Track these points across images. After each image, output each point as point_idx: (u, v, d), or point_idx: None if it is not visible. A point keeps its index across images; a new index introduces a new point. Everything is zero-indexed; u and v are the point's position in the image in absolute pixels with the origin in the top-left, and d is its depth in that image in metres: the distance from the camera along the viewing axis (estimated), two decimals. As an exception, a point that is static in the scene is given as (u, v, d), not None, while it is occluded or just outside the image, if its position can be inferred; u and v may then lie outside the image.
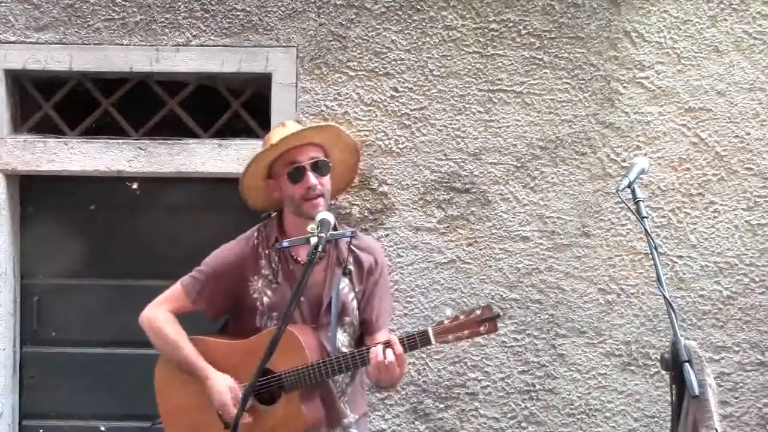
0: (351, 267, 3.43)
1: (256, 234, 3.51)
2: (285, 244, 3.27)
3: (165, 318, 3.49)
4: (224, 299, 3.48)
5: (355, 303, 3.45)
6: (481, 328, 3.17)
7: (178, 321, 3.50)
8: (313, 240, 3.13)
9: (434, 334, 3.17)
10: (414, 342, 3.19)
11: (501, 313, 3.18)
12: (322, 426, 3.41)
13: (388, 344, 3.19)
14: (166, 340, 3.47)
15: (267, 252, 3.44)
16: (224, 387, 3.35)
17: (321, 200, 3.36)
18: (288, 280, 3.41)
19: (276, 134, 3.47)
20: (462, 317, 3.17)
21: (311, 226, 3.20)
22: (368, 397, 3.67)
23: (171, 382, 3.52)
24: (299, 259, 3.42)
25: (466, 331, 3.17)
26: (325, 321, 3.39)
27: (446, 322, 3.19)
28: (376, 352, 3.17)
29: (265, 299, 3.42)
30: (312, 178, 3.34)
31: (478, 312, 3.17)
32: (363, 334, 3.50)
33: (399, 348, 3.18)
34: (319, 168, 3.37)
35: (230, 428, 3.29)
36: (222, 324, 3.66)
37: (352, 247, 3.43)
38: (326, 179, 3.40)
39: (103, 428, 4.59)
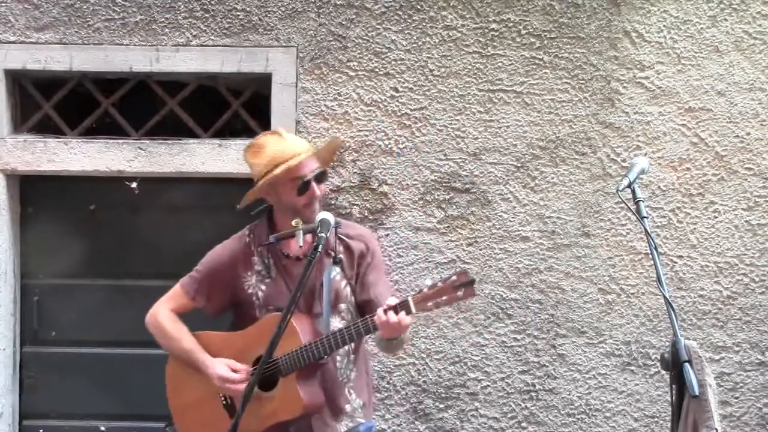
0: (341, 256, 3.57)
1: (248, 233, 3.69)
2: (272, 239, 3.48)
3: (166, 315, 3.67)
4: (221, 295, 3.65)
5: (348, 290, 3.58)
6: (459, 293, 3.21)
7: (180, 318, 3.67)
8: (298, 234, 3.38)
9: (414, 303, 3.24)
10: (396, 311, 3.26)
11: (476, 278, 3.21)
12: (325, 413, 3.51)
13: (387, 309, 3.27)
14: (168, 336, 3.64)
15: (259, 249, 3.61)
16: (222, 368, 3.48)
17: (317, 206, 3.56)
18: (280, 273, 3.57)
19: (277, 146, 3.56)
20: (440, 284, 3.23)
21: (295, 221, 3.42)
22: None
23: (179, 380, 3.65)
24: (289, 253, 3.58)
25: (444, 297, 3.22)
26: (319, 310, 3.51)
27: (425, 290, 3.24)
28: (379, 315, 3.27)
29: (260, 293, 3.58)
30: (316, 189, 3.54)
31: (455, 278, 3.21)
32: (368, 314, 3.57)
33: (392, 316, 3.26)
34: (320, 179, 3.57)
35: (236, 412, 3.36)
36: (231, 324, 3.74)
37: (340, 236, 3.59)
38: (323, 187, 3.61)
39: (103, 428, 4.60)
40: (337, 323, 3.52)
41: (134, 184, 4.53)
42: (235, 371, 3.46)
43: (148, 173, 4.49)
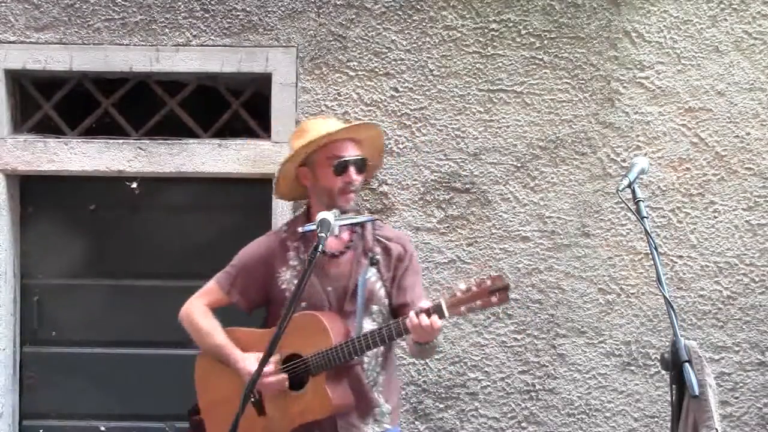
0: (378, 257, 3.51)
1: (285, 228, 3.65)
2: (306, 228, 3.42)
3: (200, 310, 3.61)
4: (255, 291, 3.60)
5: (383, 291, 3.52)
6: (493, 299, 3.15)
7: (213, 313, 3.62)
8: (334, 225, 3.28)
9: (447, 306, 3.19)
10: (428, 314, 3.21)
11: (511, 284, 3.12)
12: (353, 413, 3.47)
13: (419, 311, 3.23)
14: (201, 331, 3.59)
15: (296, 244, 3.55)
16: (253, 365, 3.38)
17: (353, 196, 3.51)
18: (315, 271, 3.47)
19: (320, 125, 3.58)
20: (474, 288, 3.16)
21: (334, 211, 3.33)
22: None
23: (209, 376, 3.61)
24: (326, 250, 3.48)
25: (478, 302, 3.15)
26: (351, 309, 3.46)
27: (458, 294, 3.18)
28: (411, 318, 3.22)
29: (293, 289, 3.47)
30: (353, 173, 3.48)
31: (489, 282, 3.15)
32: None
33: (424, 319, 3.22)
34: (359, 166, 3.51)
35: (263, 413, 3.43)
36: (262, 321, 3.71)
37: (378, 237, 3.54)
38: (361, 177, 3.54)
39: (103, 428, 4.60)
40: (368, 324, 3.46)
41: (134, 184, 4.53)
42: None
43: (148, 173, 4.49)
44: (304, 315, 3.43)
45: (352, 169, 3.47)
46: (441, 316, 3.19)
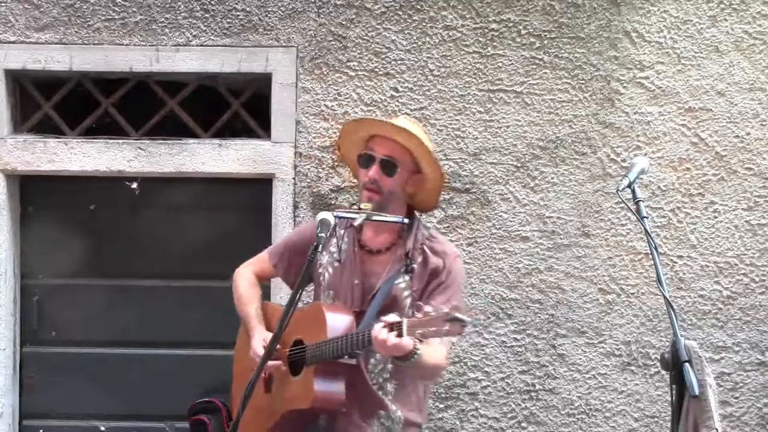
0: (415, 266, 3.44)
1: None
2: (337, 214, 3.36)
3: (245, 277, 3.69)
4: (297, 270, 3.52)
5: (409, 301, 3.44)
6: (445, 327, 3.00)
7: (258, 283, 3.69)
8: (359, 216, 3.33)
9: (407, 326, 3.07)
10: (390, 329, 3.12)
11: (467, 321, 3.01)
12: (354, 412, 3.41)
13: (383, 325, 3.14)
14: (239, 298, 3.67)
15: (342, 232, 3.50)
16: (257, 342, 3.46)
17: (375, 196, 3.41)
18: (349, 261, 3.48)
19: (397, 118, 3.63)
20: (433, 313, 3.06)
21: (365, 204, 3.36)
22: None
23: (242, 346, 3.67)
24: (366, 246, 3.49)
25: (432, 328, 3.04)
26: (367, 309, 3.41)
27: (420, 316, 3.09)
28: (375, 328, 3.13)
29: (327, 275, 3.51)
30: (374, 171, 3.41)
31: (446, 311, 3.02)
32: None
33: (382, 333, 3.12)
34: (385, 166, 3.42)
35: (269, 391, 3.47)
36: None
37: (424, 247, 3.48)
38: (392, 181, 3.43)
39: (103, 428, 4.60)
40: None
41: (134, 184, 4.53)
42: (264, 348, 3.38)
43: (148, 173, 4.48)
44: (314, 305, 3.47)
45: (374, 167, 3.40)
46: (399, 334, 3.08)
